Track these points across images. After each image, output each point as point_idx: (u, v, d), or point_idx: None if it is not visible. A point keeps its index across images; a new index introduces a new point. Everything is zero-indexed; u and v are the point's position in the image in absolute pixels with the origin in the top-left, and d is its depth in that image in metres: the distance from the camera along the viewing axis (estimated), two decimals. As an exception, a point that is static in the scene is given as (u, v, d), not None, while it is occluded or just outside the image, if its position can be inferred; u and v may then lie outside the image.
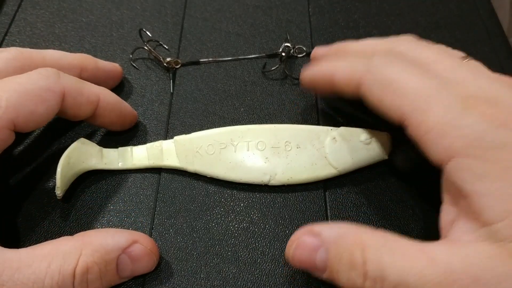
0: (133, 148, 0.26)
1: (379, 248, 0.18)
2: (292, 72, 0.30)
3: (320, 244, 0.19)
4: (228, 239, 0.23)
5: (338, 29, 0.33)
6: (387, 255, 0.17)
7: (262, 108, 0.29)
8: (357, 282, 0.18)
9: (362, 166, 0.25)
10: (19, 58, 0.24)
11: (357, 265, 0.18)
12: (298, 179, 0.25)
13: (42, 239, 0.23)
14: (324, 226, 0.20)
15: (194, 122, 0.28)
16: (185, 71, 0.31)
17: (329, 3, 0.34)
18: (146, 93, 0.29)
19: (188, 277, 0.22)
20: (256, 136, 0.25)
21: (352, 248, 0.18)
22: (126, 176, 0.26)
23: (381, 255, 0.17)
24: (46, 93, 0.22)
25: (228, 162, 0.25)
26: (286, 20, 0.33)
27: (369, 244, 0.18)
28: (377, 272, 0.17)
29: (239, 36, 0.32)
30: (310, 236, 0.19)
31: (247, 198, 0.25)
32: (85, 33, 0.33)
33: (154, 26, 0.33)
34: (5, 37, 0.32)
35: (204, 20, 0.33)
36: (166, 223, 0.24)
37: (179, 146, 0.25)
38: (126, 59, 0.31)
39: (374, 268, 0.17)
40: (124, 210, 0.25)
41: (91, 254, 0.19)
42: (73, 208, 0.25)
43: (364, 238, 0.18)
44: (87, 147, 0.25)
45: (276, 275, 0.22)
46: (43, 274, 0.18)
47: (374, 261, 0.17)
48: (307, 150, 0.25)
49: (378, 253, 0.18)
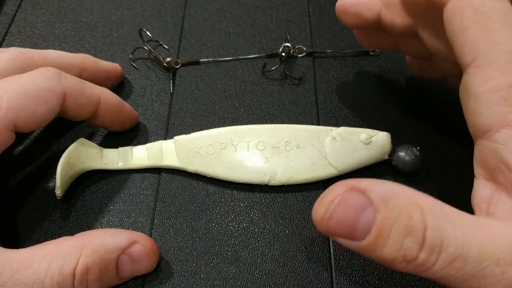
0: (133, 148, 0.26)
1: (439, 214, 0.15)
2: (292, 72, 0.30)
3: (368, 203, 0.16)
4: (228, 239, 0.24)
5: (338, 29, 0.33)
6: (447, 223, 0.15)
7: (262, 108, 0.29)
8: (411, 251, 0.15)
9: (362, 166, 0.25)
10: (19, 58, 0.24)
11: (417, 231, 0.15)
12: (298, 179, 0.25)
13: (42, 239, 0.23)
14: (372, 182, 0.16)
15: (194, 122, 0.28)
16: (185, 71, 0.31)
17: (329, 3, 0.34)
18: (146, 93, 0.29)
19: (188, 277, 0.22)
20: (256, 136, 0.25)
21: (410, 210, 0.15)
22: (126, 176, 0.26)
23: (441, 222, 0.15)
24: (47, 93, 0.22)
25: (228, 162, 0.25)
26: (286, 20, 0.33)
27: (427, 208, 0.15)
28: (437, 241, 0.15)
29: (239, 36, 0.32)
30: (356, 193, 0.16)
31: (247, 198, 0.25)
32: (85, 33, 0.33)
33: (154, 26, 0.33)
34: (5, 37, 0.32)
35: (204, 20, 0.33)
36: (166, 223, 0.24)
37: (179, 146, 0.25)
38: (126, 59, 0.31)
39: (434, 236, 0.15)
40: (124, 210, 0.25)
41: (91, 254, 0.19)
42: (73, 208, 0.25)
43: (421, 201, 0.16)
44: (87, 147, 0.25)
45: (276, 275, 0.22)
46: (43, 274, 0.18)
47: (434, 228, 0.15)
48: (307, 150, 0.25)
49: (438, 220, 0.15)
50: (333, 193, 0.16)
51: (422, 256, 0.15)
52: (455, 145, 0.26)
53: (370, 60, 0.31)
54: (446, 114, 0.28)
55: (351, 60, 0.31)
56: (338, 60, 0.31)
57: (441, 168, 0.26)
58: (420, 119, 0.28)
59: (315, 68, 0.31)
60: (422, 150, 0.25)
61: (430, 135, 0.27)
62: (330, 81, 0.30)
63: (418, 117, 0.28)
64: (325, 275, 0.22)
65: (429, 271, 0.15)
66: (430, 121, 0.28)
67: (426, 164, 0.26)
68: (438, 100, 0.29)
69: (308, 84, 0.30)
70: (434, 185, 0.25)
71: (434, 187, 0.25)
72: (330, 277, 0.22)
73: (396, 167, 0.25)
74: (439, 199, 0.20)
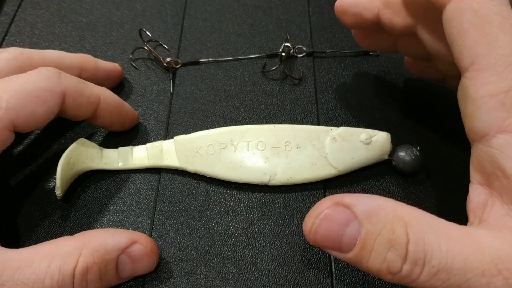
0: (133, 148, 0.26)
1: (423, 227, 0.16)
2: (292, 72, 0.30)
3: (352, 218, 0.16)
4: (228, 239, 0.24)
5: (338, 29, 0.33)
6: (432, 236, 0.15)
7: (262, 108, 0.29)
8: (394, 264, 0.16)
9: (362, 166, 0.25)
10: (19, 58, 0.24)
11: (399, 244, 0.15)
12: (298, 179, 0.25)
13: (42, 239, 0.23)
14: (356, 197, 0.17)
15: (194, 122, 0.28)
16: (185, 71, 0.31)
17: (329, 3, 0.34)
18: (146, 93, 0.29)
19: (188, 277, 0.22)
20: (256, 136, 0.25)
21: (393, 224, 0.16)
22: (126, 176, 0.26)
23: (425, 235, 0.15)
24: (46, 93, 0.22)
25: (228, 162, 0.25)
26: (286, 20, 0.33)
27: (411, 222, 0.16)
28: (420, 254, 0.15)
29: (239, 36, 0.32)
30: (340, 208, 0.17)
31: (247, 198, 0.25)
32: (85, 33, 0.33)
33: (154, 26, 0.33)
34: (5, 37, 0.32)
35: (204, 20, 0.33)
36: (166, 223, 0.24)
37: (179, 146, 0.25)
38: (126, 59, 0.31)
39: (417, 249, 0.15)
40: (124, 210, 0.25)
41: (91, 254, 0.19)
42: (73, 208, 0.25)
43: (405, 214, 0.16)
44: (87, 147, 0.25)
45: (276, 275, 0.22)
46: (43, 274, 0.18)
47: (417, 242, 0.15)
48: (307, 150, 0.25)
49: (422, 233, 0.15)
50: (319, 208, 0.17)
51: (406, 268, 0.15)
52: (455, 145, 0.26)
53: (370, 60, 0.31)
54: (446, 114, 0.28)
55: (351, 60, 0.31)
56: (338, 60, 0.31)
57: (441, 168, 0.26)
58: (420, 119, 0.28)
59: (315, 68, 0.31)
60: (422, 150, 0.25)
61: (430, 135, 0.27)
62: (330, 81, 0.30)
63: (418, 117, 0.28)
64: (325, 275, 0.22)
65: (415, 282, 0.16)
66: (430, 121, 0.28)
67: (426, 164, 0.26)
68: (438, 100, 0.29)
69: (308, 84, 0.30)
70: (434, 185, 0.25)
71: (434, 187, 0.25)
72: (330, 277, 0.22)
73: (396, 167, 0.25)
74: (439, 199, 0.19)
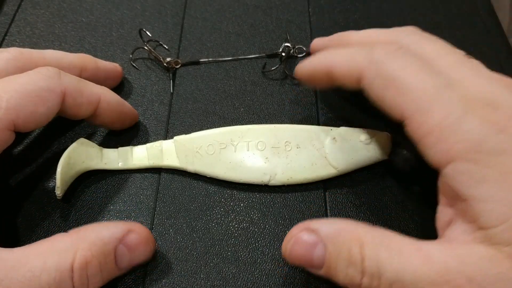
0: (133, 148, 0.26)
1: (377, 245, 0.18)
2: (292, 72, 0.30)
3: (317, 241, 0.19)
4: (228, 239, 0.24)
5: (338, 29, 0.32)
6: (384, 252, 0.18)
7: (262, 108, 0.29)
8: (355, 278, 0.18)
9: (362, 166, 0.25)
10: (19, 58, 0.24)
11: (355, 262, 0.18)
12: (298, 179, 0.25)
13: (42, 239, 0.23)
14: (321, 222, 0.20)
15: (194, 122, 0.28)
16: (185, 71, 0.31)
17: (329, 3, 0.34)
18: (146, 93, 0.29)
19: (188, 277, 0.22)
20: (256, 136, 0.25)
21: (350, 245, 0.18)
22: (126, 176, 0.26)
23: (378, 252, 0.18)
24: (46, 93, 0.22)
25: (228, 162, 0.25)
26: (286, 20, 0.33)
27: (366, 241, 0.18)
28: (375, 269, 0.17)
29: (239, 36, 0.32)
30: (307, 233, 0.19)
31: (247, 198, 0.25)
32: (85, 33, 0.33)
33: (154, 26, 0.33)
34: (5, 37, 0.32)
35: (204, 20, 0.33)
36: (166, 223, 0.24)
37: (179, 146, 0.25)
38: (126, 59, 0.31)
39: (371, 264, 0.17)
40: (124, 210, 0.25)
41: (88, 248, 0.19)
42: (73, 208, 0.25)
43: (362, 235, 0.18)
44: (87, 147, 0.25)
45: (276, 275, 0.22)
46: (38, 271, 0.18)
47: (371, 258, 0.18)
48: (307, 150, 0.25)
49: (375, 250, 0.18)
50: (291, 233, 0.20)
51: (365, 281, 0.18)
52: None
53: (370, 60, 0.31)
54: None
55: (351, 60, 0.31)
56: (338, 60, 0.31)
57: (441, 168, 0.26)
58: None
59: (315, 68, 0.31)
60: (422, 150, 0.25)
61: (430, 135, 0.27)
62: (330, 81, 0.30)
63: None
64: (325, 275, 0.22)
65: None
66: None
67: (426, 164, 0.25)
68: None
69: (308, 84, 0.30)
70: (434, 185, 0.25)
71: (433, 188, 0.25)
72: (330, 277, 0.22)
73: (396, 167, 0.25)
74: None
